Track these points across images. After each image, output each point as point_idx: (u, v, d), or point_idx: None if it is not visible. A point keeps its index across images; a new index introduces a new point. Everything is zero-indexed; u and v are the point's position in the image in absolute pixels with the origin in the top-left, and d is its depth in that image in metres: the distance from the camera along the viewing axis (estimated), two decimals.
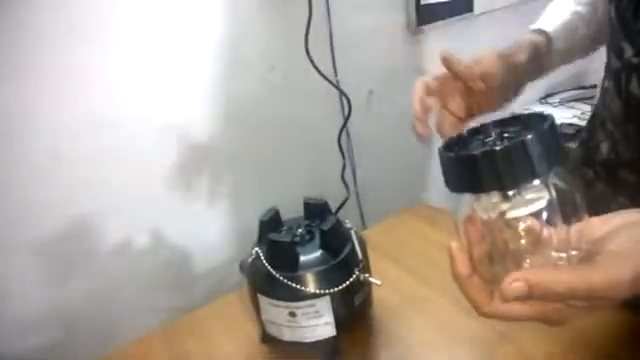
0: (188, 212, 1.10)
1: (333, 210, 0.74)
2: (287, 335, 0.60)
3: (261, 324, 0.63)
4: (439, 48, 0.61)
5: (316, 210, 0.65)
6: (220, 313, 0.74)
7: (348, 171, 1.23)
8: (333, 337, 0.60)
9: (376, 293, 0.65)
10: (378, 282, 0.59)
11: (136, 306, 1.10)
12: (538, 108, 1.62)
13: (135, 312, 1.10)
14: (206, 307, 0.76)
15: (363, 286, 0.61)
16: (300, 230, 0.63)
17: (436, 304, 0.68)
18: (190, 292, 1.17)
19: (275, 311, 0.59)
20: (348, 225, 0.64)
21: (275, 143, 1.17)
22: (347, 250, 0.60)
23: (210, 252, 1.16)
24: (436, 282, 0.71)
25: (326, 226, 0.59)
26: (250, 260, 0.62)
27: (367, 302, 0.63)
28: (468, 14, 1.33)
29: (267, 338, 0.64)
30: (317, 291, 0.57)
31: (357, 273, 0.59)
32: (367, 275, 0.60)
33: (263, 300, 0.60)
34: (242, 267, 0.68)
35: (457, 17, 1.32)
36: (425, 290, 0.70)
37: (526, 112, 0.38)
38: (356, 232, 0.63)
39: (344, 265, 0.59)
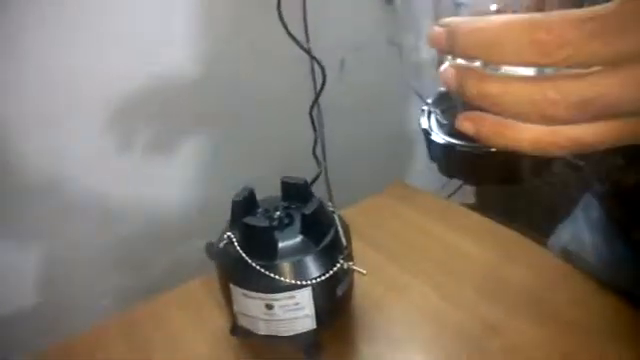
0: (143, 182, 1.02)
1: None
2: (263, 329, 0.54)
3: (232, 316, 0.57)
4: (414, 17, 0.55)
5: (294, 190, 0.59)
6: (184, 300, 0.67)
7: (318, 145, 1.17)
8: (313, 330, 0.55)
9: (356, 281, 0.60)
10: (363, 271, 0.54)
11: (86, 287, 1.02)
12: None
13: (85, 294, 1.02)
14: (168, 293, 0.69)
15: (346, 275, 0.56)
16: (278, 213, 0.57)
17: (419, 292, 0.64)
18: (146, 271, 1.09)
19: (250, 303, 0.53)
20: (331, 208, 0.58)
21: (241, 110, 1.10)
22: (330, 236, 0.55)
23: (168, 228, 1.09)
24: (418, 268, 0.67)
25: (308, 210, 0.53)
26: (221, 245, 0.55)
27: (349, 292, 0.58)
28: None
29: (239, 330, 0.58)
30: (297, 282, 0.51)
31: (341, 262, 0.54)
32: (351, 263, 0.55)
33: (236, 291, 0.54)
34: (210, 251, 0.61)
35: None
36: (407, 277, 0.66)
37: None
38: (340, 216, 0.58)
39: (327, 253, 0.54)
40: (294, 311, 0.53)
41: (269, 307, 0.53)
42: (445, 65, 0.25)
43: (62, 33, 0.83)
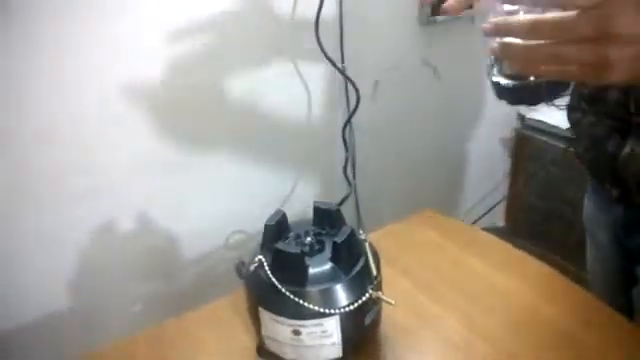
0: (175, 195, 1.04)
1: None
2: (289, 354, 0.55)
3: (260, 338, 0.58)
4: (449, 40, 0.57)
5: (326, 216, 0.60)
6: (211, 319, 0.68)
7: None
8: (339, 359, 0.55)
9: (384, 310, 0.60)
10: (392, 302, 0.54)
11: (117, 292, 1.04)
12: (544, 109, 1.57)
13: (117, 300, 1.05)
14: (197, 310, 0.70)
15: (375, 305, 0.56)
16: (309, 239, 0.57)
17: (448, 325, 0.63)
18: (175, 279, 1.11)
19: (278, 328, 0.54)
20: (362, 236, 0.58)
21: (273, 128, 1.11)
22: (360, 265, 0.55)
23: (197, 238, 1.11)
24: (449, 300, 0.66)
25: (340, 238, 0.54)
26: (252, 268, 0.56)
27: (376, 321, 0.58)
28: None
29: (265, 353, 0.58)
30: (325, 310, 0.52)
31: (370, 291, 0.54)
32: (380, 293, 0.55)
33: (265, 314, 0.54)
34: (239, 271, 0.62)
35: (470, 9, 1.25)
36: (437, 308, 0.65)
37: None
38: (370, 244, 0.58)
39: (356, 282, 0.54)
40: (321, 338, 0.53)
41: (296, 333, 0.53)
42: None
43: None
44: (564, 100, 1.59)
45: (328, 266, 0.54)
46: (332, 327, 0.53)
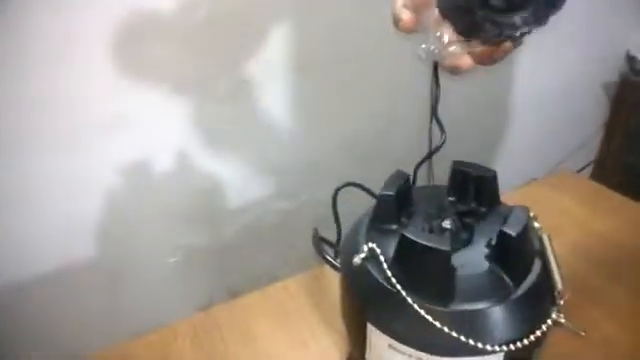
0: (220, 129, 0.86)
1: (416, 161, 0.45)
2: None
3: (358, 354, 0.39)
4: None
5: (473, 185, 0.38)
6: (275, 309, 0.49)
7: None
8: None
9: None
10: (582, 333, 0.34)
11: (151, 242, 0.90)
12: None
13: (150, 249, 0.91)
14: (250, 296, 0.51)
15: (552, 332, 0.35)
16: (448, 222, 0.36)
17: (626, 344, 0.43)
18: (219, 228, 0.97)
19: (396, 358, 0.34)
20: (536, 224, 0.37)
21: (348, 56, 0.89)
22: (537, 271, 0.34)
23: (246, 185, 0.94)
24: (621, 306, 0.46)
25: (514, 228, 0.33)
26: (357, 260, 0.36)
27: (541, 351, 0.38)
28: None
29: None
30: (485, 345, 0.31)
31: (554, 317, 0.33)
32: (562, 317, 0.34)
33: (376, 335, 0.35)
34: (318, 249, 0.43)
35: None
36: (608, 322, 0.45)
37: None
38: (550, 239, 0.37)
39: (532, 299, 0.33)
40: None
41: None
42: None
43: None
44: None
45: (485, 270, 0.34)
46: None
